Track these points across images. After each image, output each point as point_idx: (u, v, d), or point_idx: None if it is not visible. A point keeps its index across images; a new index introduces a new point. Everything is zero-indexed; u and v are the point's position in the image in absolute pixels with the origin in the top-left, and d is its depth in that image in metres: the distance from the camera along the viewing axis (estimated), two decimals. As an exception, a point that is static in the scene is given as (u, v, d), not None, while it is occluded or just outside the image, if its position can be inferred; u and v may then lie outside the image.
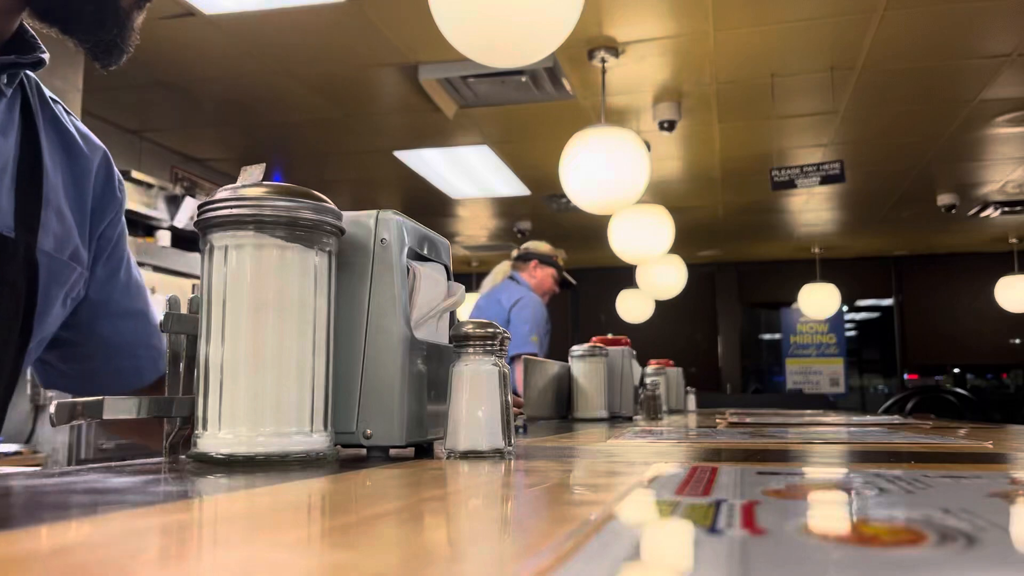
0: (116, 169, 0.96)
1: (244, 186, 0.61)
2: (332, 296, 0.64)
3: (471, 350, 0.69)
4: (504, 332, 0.71)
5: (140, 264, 3.62)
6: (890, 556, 0.29)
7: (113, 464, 0.60)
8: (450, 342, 0.71)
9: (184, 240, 3.91)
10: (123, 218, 0.96)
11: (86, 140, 0.91)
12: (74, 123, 0.91)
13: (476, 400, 0.69)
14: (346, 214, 0.69)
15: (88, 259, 0.88)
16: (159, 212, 3.82)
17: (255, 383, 0.59)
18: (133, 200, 3.67)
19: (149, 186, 3.78)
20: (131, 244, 3.46)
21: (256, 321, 0.59)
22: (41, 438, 3.23)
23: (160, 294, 3.63)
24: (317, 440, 0.61)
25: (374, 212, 0.70)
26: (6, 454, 3.05)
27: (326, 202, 0.63)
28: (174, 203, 3.91)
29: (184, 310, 0.69)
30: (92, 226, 0.89)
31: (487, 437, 0.68)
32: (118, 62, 0.85)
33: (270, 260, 0.60)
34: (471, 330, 0.69)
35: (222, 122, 4.71)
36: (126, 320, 0.95)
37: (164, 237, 3.87)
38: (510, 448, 0.70)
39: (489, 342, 0.69)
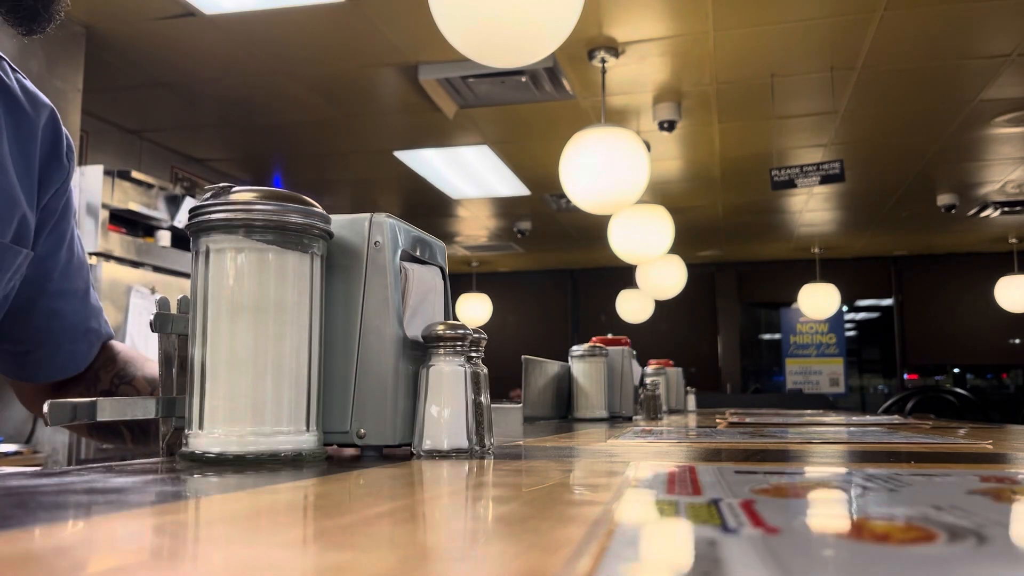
0: (65, 131, 0.85)
1: (236, 191, 0.62)
2: (321, 298, 0.65)
3: (441, 351, 0.70)
4: (475, 332, 0.72)
5: (140, 264, 3.59)
6: (918, 553, 0.29)
7: (112, 464, 0.60)
8: (424, 342, 0.71)
9: (184, 240, 3.91)
10: (70, 188, 0.87)
11: (31, 98, 0.81)
12: (19, 80, 0.81)
13: (440, 400, 0.69)
14: (340, 217, 0.70)
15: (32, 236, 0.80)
16: (159, 212, 3.83)
17: (246, 384, 0.60)
18: (133, 200, 3.67)
19: (149, 186, 3.79)
20: (131, 244, 3.42)
21: (246, 323, 0.60)
22: (41, 438, 3.23)
23: (160, 294, 3.63)
24: (307, 439, 0.62)
25: (367, 215, 0.71)
26: (6, 454, 3.06)
27: (314, 206, 0.64)
28: (174, 203, 3.92)
29: (173, 311, 0.69)
30: (37, 197, 0.80)
31: (448, 437, 0.69)
32: (42, 29, 0.75)
33: (259, 263, 0.61)
34: (442, 331, 0.70)
35: (222, 122, 4.71)
36: (65, 301, 0.88)
37: (164, 237, 3.88)
38: (479, 448, 0.71)
39: (459, 343, 0.70)
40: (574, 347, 2.12)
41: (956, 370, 9.10)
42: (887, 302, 9.07)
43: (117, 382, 0.93)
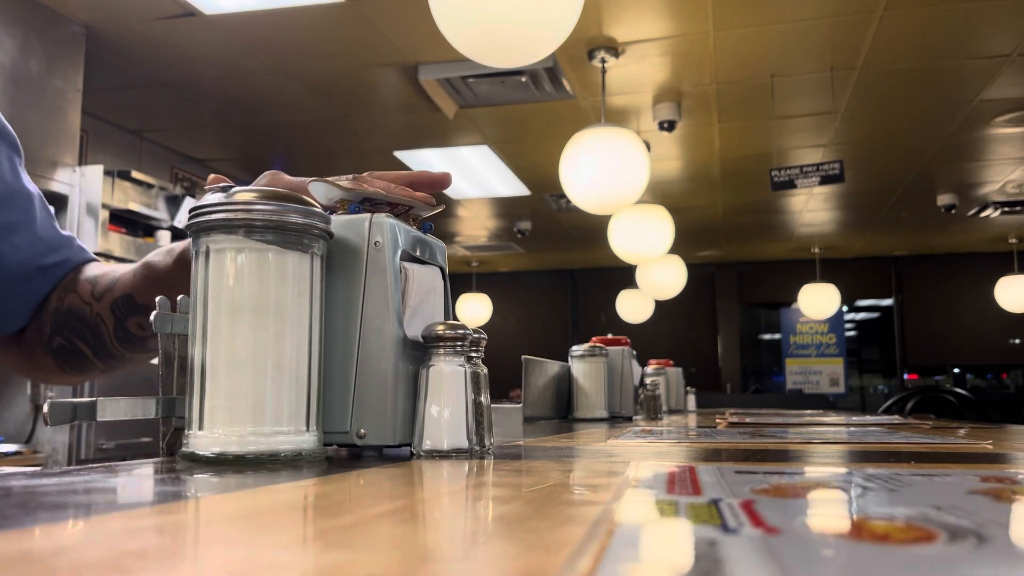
0: None
1: (236, 191, 0.62)
2: (321, 298, 0.65)
3: (441, 351, 0.70)
4: (475, 332, 0.72)
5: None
6: (918, 553, 0.29)
7: (113, 464, 0.60)
8: (424, 342, 0.71)
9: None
10: None
11: None
12: None
13: (440, 400, 0.69)
14: (340, 217, 0.70)
15: None
16: (159, 212, 3.83)
17: (246, 384, 0.60)
18: (133, 200, 3.67)
19: (149, 186, 3.79)
20: (131, 244, 3.42)
21: (246, 323, 0.60)
22: (41, 438, 3.24)
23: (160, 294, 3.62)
24: (307, 439, 0.62)
25: (368, 215, 0.71)
26: (6, 454, 3.06)
27: (314, 206, 0.64)
28: (174, 203, 3.92)
29: (174, 311, 0.69)
30: None
31: (448, 437, 0.69)
32: None
33: (259, 263, 0.61)
34: (442, 331, 0.70)
35: (222, 122, 4.71)
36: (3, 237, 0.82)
37: (164, 237, 3.88)
38: (479, 448, 0.71)
39: (459, 343, 0.70)
40: (574, 347, 2.12)
41: (956, 370, 9.10)
42: (887, 302, 9.07)
43: (62, 294, 0.86)
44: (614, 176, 3.21)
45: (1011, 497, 0.46)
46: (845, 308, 8.90)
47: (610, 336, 2.33)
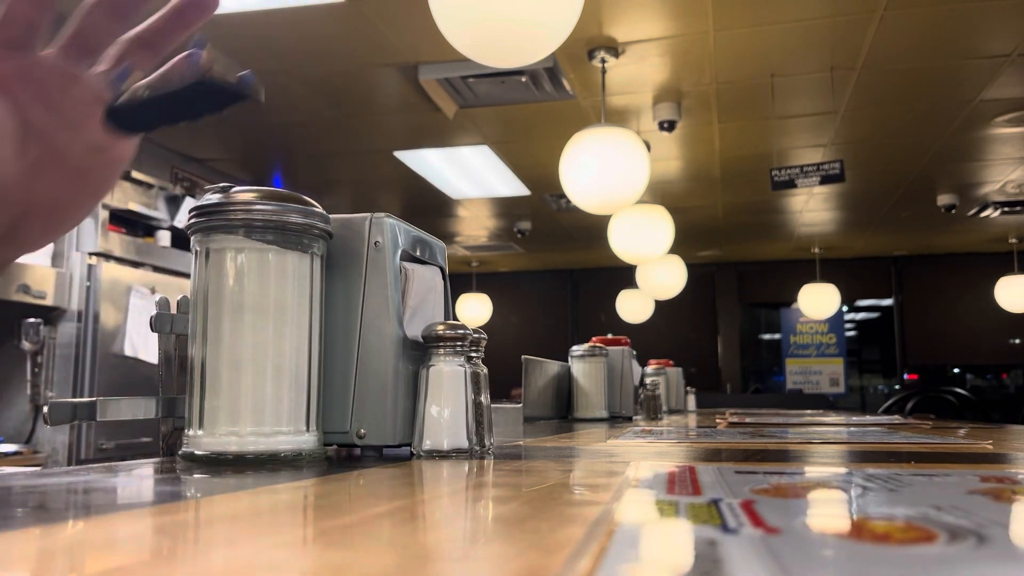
0: None
1: (236, 192, 0.62)
2: (321, 298, 0.65)
3: (441, 351, 0.70)
4: (475, 332, 0.72)
5: (140, 264, 3.60)
6: (918, 553, 0.29)
7: (113, 464, 0.60)
8: (424, 342, 0.71)
9: (184, 240, 3.91)
10: None
11: None
12: None
13: (440, 400, 0.69)
14: (340, 217, 0.70)
15: None
16: (159, 212, 3.83)
17: (246, 384, 0.60)
18: (133, 200, 3.67)
19: (149, 186, 3.79)
20: (131, 244, 3.42)
21: (246, 323, 0.60)
22: (41, 438, 3.23)
23: (160, 294, 3.63)
24: (307, 439, 0.62)
25: (367, 215, 0.71)
26: (6, 454, 3.06)
27: (314, 206, 0.64)
28: (174, 203, 3.92)
29: (173, 311, 0.69)
30: None
31: (448, 437, 0.69)
32: None
33: (259, 263, 0.61)
34: (442, 331, 0.70)
35: (222, 122, 4.71)
36: None
37: (164, 237, 3.88)
38: (479, 448, 0.71)
39: (459, 343, 0.70)
40: (574, 347, 2.12)
41: (956, 370, 9.10)
42: (887, 302, 9.07)
43: None
44: (614, 176, 3.21)
45: (1011, 497, 0.46)
46: (845, 308, 8.90)
47: (610, 336, 2.33)
